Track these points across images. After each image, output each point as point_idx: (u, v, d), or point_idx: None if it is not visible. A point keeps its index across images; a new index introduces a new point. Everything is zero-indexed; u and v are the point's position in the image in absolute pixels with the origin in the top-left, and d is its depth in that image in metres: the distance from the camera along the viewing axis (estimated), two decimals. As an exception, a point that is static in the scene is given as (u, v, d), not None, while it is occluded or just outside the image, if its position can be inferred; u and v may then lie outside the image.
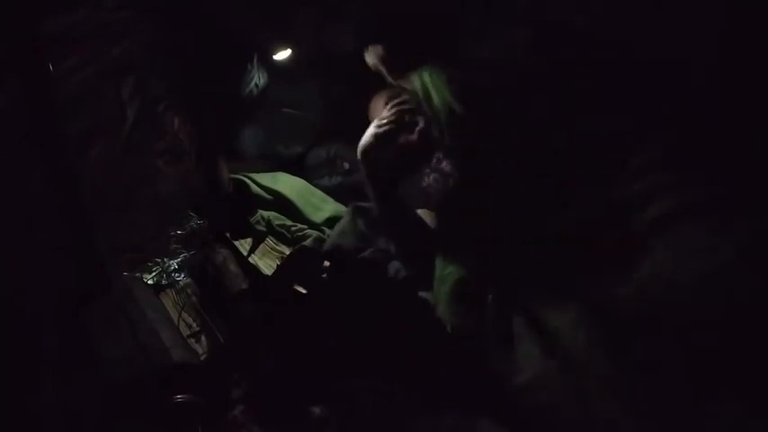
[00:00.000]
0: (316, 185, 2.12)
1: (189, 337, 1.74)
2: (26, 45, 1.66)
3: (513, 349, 1.27)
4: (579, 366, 1.14)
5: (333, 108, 2.21)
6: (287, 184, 2.08)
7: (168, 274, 1.94)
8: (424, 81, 1.55)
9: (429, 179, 1.81)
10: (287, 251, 1.85)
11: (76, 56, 1.85)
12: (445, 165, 1.67)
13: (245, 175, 2.07)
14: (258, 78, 2.20)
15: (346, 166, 2.12)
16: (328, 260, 1.74)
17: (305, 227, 1.91)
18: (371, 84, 1.96)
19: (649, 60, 1.37)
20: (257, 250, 1.92)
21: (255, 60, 2.18)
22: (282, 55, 2.18)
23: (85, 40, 1.87)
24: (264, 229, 1.96)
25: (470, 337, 1.37)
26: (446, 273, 1.45)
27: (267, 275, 1.82)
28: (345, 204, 1.97)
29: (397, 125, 1.63)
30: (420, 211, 1.69)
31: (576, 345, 1.15)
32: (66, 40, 1.83)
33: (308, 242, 1.83)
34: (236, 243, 1.97)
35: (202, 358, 1.68)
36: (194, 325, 1.79)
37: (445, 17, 1.67)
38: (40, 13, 1.71)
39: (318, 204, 2.02)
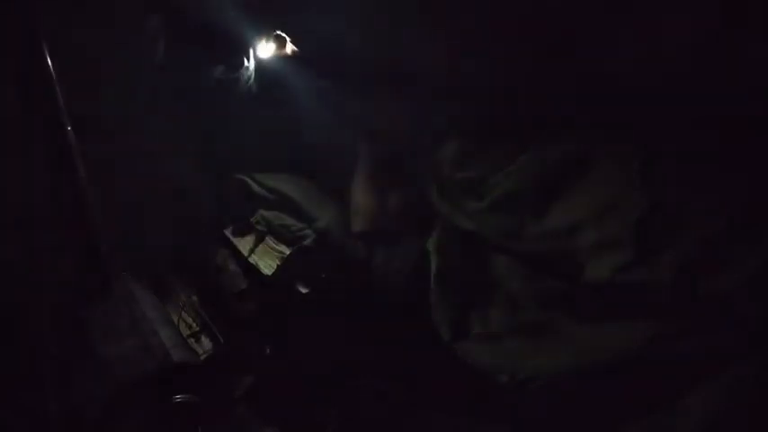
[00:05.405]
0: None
1: (189, 337, 1.74)
2: (26, 45, 1.66)
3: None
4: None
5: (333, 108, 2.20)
6: (289, 183, 2.07)
7: (169, 273, 1.95)
8: None
9: None
10: (287, 251, 1.84)
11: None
12: None
13: (246, 175, 2.07)
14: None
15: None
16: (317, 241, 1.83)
17: (305, 226, 1.91)
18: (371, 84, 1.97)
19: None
20: (257, 250, 1.92)
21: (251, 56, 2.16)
22: (278, 53, 2.17)
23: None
24: (265, 228, 1.95)
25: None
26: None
27: (267, 275, 1.82)
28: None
29: None
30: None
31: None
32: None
33: (308, 242, 1.83)
34: (236, 243, 1.97)
35: (202, 358, 1.68)
36: (194, 325, 1.80)
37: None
38: (40, 13, 1.71)
39: (320, 204, 2.01)
